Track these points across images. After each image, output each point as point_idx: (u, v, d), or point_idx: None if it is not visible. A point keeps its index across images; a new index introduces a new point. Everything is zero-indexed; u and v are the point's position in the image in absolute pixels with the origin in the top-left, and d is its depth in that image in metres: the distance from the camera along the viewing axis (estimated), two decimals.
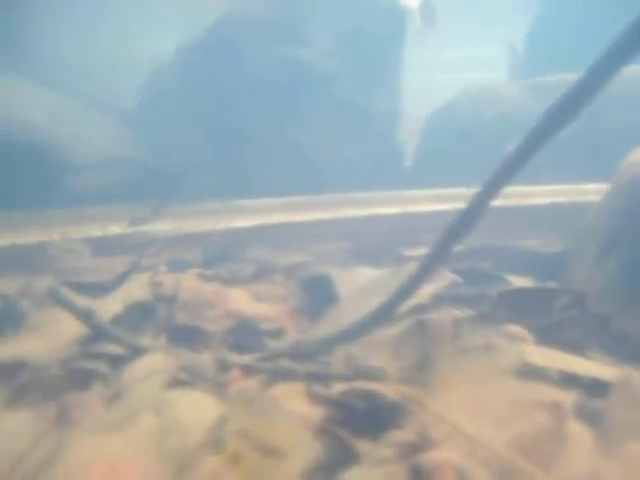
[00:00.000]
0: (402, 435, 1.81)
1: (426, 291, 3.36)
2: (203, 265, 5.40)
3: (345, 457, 1.89)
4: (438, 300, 3.48)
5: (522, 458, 1.73)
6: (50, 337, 3.90)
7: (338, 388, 2.50)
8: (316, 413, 2.35)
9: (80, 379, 3.32)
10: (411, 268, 3.35)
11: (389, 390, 2.16)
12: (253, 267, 5.26)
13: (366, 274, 4.77)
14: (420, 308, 3.30)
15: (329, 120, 8.47)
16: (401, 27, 9.85)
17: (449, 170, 7.61)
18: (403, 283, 3.14)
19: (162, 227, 5.86)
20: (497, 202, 2.99)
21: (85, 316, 3.97)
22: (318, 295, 4.47)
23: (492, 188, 2.73)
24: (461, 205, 3.13)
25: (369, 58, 9.23)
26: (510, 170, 2.59)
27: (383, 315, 3.17)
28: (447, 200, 6.39)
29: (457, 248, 3.11)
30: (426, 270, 3.00)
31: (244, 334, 3.96)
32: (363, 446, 1.91)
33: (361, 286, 4.37)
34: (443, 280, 3.67)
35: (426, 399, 2.07)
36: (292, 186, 6.57)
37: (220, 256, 5.72)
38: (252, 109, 8.18)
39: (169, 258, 5.54)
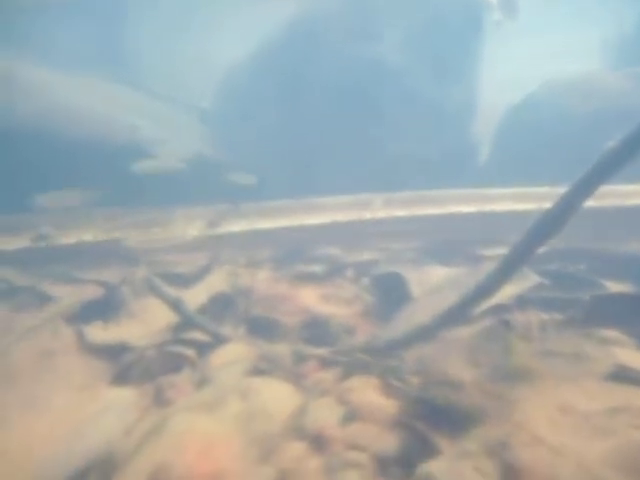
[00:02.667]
0: (487, 432, 1.76)
1: (508, 292, 3.22)
2: (276, 263, 5.61)
3: (424, 450, 1.89)
4: (521, 302, 3.31)
5: (617, 474, 1.61)
6: (146, 323, 4.33)
7: (415, 384, 2.50)
8: (392, 406, 2.38)
9: (172, 362, 3.66)
10: (489, 267, 3.24)
11: (464, 395, 2.11)
12: (323, 267, 5.35)
13: (440, 273, 4.68)
14: (501, 309, 3.18)
15: (402, 116, 8.33)
16: (478, 18, 9.40)
17: (526, 168, 7.16)
18: (482, 282, 3.05)
19: (237, 227, 6.17)
20: (593, 202, 2.80)
21: (175, 305, 4.36)
22: (390, 294, 4.46)
23: (586, 187, 2.56)
24: (543, 204, 2.94)
25: (444, 51, 8.93)
26: (609, 168, 2.41)
27: (458, 315, 3.11)
28: (527, 199, 6.03)
29: (546, 249, 2.94)
30: (507, 270, 2.89)
31: (316, 332, 4.08)
32: (441, 441, 1.90)
33: (435, 285, 4.29)
34: (527, 281, 3.49)
35: (507, 406, 2.00)
36: (366, 184, 6.56)
37: (292, 254, 5.89)
38: (326, 107, 8.28)
39: (244, 255, 5.81)
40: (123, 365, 3.63)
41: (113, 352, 3.80)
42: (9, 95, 6.72)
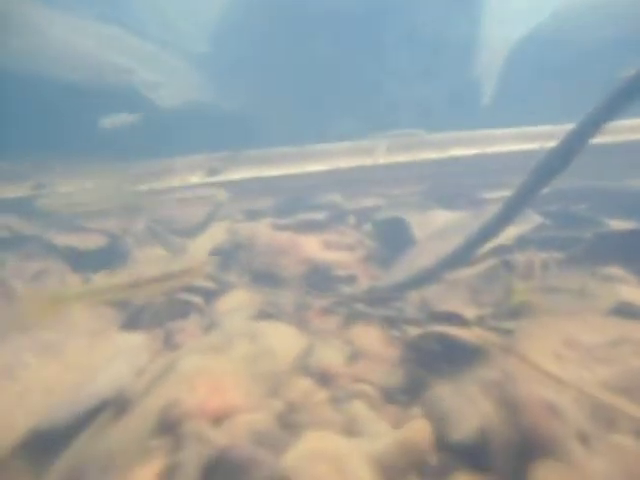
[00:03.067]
0: (486, 373, 1.83)
1: (509, 233, 3.21)
2: (276, 213, 5.59)
3: (425, 388, 1.97)
4: (523, 242, 3.31)
5: (619, 398, 1.66)
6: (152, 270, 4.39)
7: (413, 332, 2.57)
8: (393, 352, 2.46)
9: (180, 308, 3.76)
10: (492, 210, 3.22)
11: (468, 334, 2.18)
12: (324, 214, 5.34)
13: (442, 217, 4.67)
14: (502, 250, 3.19)
15: (403, 53, 7.93)
16: None
17: (531, 106, 6.91)
18: (484, 225, 3.04)
19: (237, 175, 6.08)
20: (596, 139, 2.72)
21: (179, 251, 4.41)
22: (392, 239, 4.47)
23: (594, 122, 2.46)
24: (547, 143, 2.85)
25: None
26: (621, 100, 2.29)
27: (462, 257, 3.13)
28: (531, 139, 5.88)
29: (548, 189, 2.90)
30: (511, 212, 2.86)
31: (318, 279, 4.14)
32: (441, 381, 1.97)
33: (438, 229, 4.29)
34: (529, 222, 3.48)
35: (509, 341, 2.06)
36: (366, 129, 6.38)
37: (292, 203, 5.86)
38: (325, 45, 7.86)
39: (244, 206, 5.78)
40: (132, 311, 3.73)
41: (120, 301, 3.89)
42: (3, 32, 6.33)
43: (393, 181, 5.44)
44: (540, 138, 5.67)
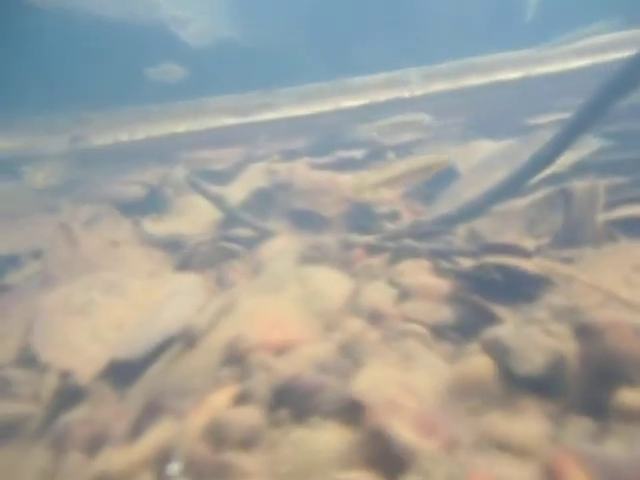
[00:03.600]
0: (553, 301, 1.82)
1: (566, 160, 2.99)
2: (313, 152, 5.48)
3: (483, 321, 1.99)
4: (581, 169, 3.06)
5: None
6: (192, 220, 4.51)
7: (467, 264, 2.55)
8: (445, 285, 2.47)
9: (223, 257, 3.89)
10: (543, 136, 3.01)
11: (529, 264, 2.13)
12: (363, 152, 5.19)
13: (487, 147, 4.44)
14: (557, 178, 2.98)
15: None
16: None
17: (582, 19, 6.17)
18: (538, 152, 2.86)
19: (270, 115, 5.93)
20: None
21: (218, 201, 4.46)
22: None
23: None
24: (603, 57, 2.52)
25: None
26: None
27: (513, 187, 2.99)
28: (587, 54, 5.33)
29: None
30: (570, 136, 2.65)
31: (361, 217, 4.12)
32: (502, 311, 1.98)
33: (483, 160, 4.11)
34: (587, 147, 3.22)
35: (574, 269, 2.01)
36: (403, 57, 5.97)
37: (329, 141, 5.71)
38: None
39: (280, 147, 5.70)
40: (183, 255, 3.90)
41: (169, 243, 4.07)
42: None
43: (433, 112, 5.14)
44: (595, 52, 5.14)
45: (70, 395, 2.28)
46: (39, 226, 4.30)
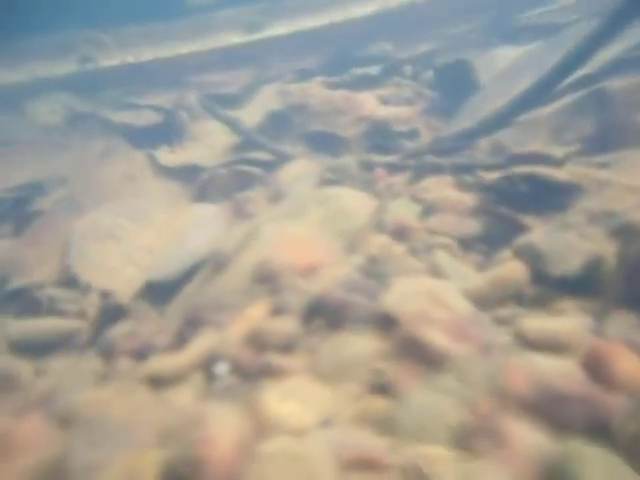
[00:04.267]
0: (587, 206, 1.78)
1: (600, 58, 2.74)
2: (326, 70, 5.21)
3: (512, 231, 2.00)
4: (618, 66, 2.74)
5: None
6: (209, 145, 4.44)
7: (492, 176, 2.49)
8: (470, 198, 2.45)
9: (242, 180, 3.88)
10: (573, 35, 2.77)
11: (559, 172, 2.07)
12: (378, 68, 4.90)
13: (509, 54, 4.14)
14: (590, 79, 2.74)
15: None
16: None
17: None
18: (570, 51, 2.65)
19: (280, 31, 5.55)
20: None
21: (234, 125, 4.36)
22: (455, 86, 4.10)
23: None
24: None
25: None
26: None
27: (539, 94, 2.82)
28: None
29: None
30: (607, 32, 2.43)
31: (379, 137, 4.00)
32: (531, 221, 1.97)
33: (506, 68, 3.85)
34: (625, 41, 2.93)
35: (607, 175, 1.95)
36: None
37: (341, 57, 5.39)
38: None
39: (291, 66, 5.40)
40: (199, 185, 3.91)
41: (185, 174, 4.06)
42: None
43: (449, 18, 4.74)
44: None
45: (113, 312, 2.43)
46: (55, 160, 4.28)
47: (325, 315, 1.85)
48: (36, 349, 2.33)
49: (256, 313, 2.00)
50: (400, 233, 2.44)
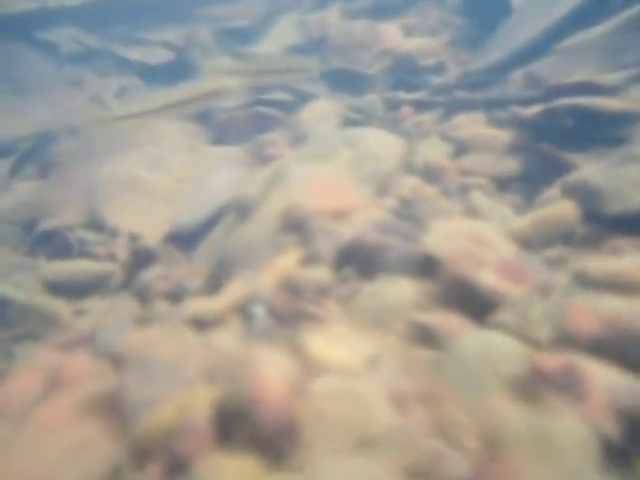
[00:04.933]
0: None
1: None
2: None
3: (553, 169, 1.89)
4: None
5: None
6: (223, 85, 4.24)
7: (528, 111, 2.33)
8: (506, 135, 2.32)
9: (261, 122, 3.73)
10: None
11: (610, 102, 1.90)
12: None
13: None
14: None
15: None
16: None
17: None
18: None
19: None
20: None
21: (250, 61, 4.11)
22: (484, 12, 3.75)
23: None
24: None
25: None
26: None
27: (584, 14, 2.54)
28: None
29: None
30: None
31: (404, 72, 3.76)
32: (577, 159, 1.85)
33: None
34: None
35: None
36: None
37: None
38: None
39: None
40: (215, 127, 3.78)
41: (200, 115, 3.90)
42: None
43: None
44: None
45: (144, 256, 2.44)
46: (69, 99, 4.15)
47: (359, 259, 1.82)
48: (71, 290, 2.39)
49: (287, 262, 1.98)
50: (432, 174, 2.36)
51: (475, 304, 1.29)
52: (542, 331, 1.11)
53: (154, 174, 3.21)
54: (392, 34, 4.10)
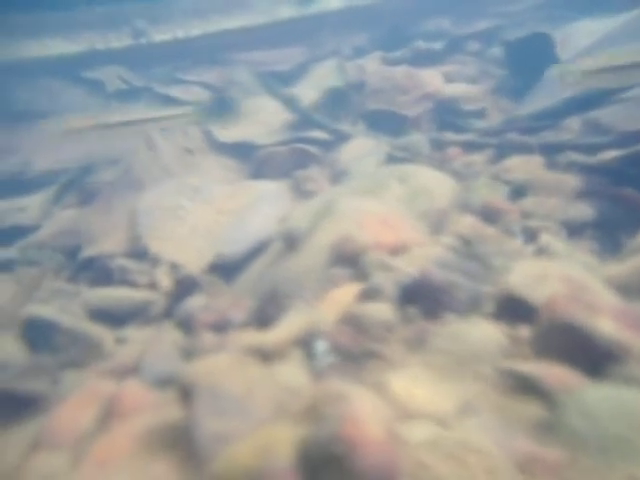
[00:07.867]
0: None
1: None
2: (378, 48, 5.02)
3: (634, 216, 1.81)
4: None
5: None
6: (263, 122, 4.32)
7: (594, 159, 2.29)
8: (570, 179, 2.26)
9: (299, 159, 3.75)
10: None
11: None
12: (441, 43, 4.66)
13: (591, 28, 3.84)
14: None
15: None
16: None
17: None
18: None
19: (332, 5, 5.35)
20: None
21: (291, 103, 4.22)
22: (527, 64, 3.84)
23: None
24: None
25: None
26: None
27: None
28: None
29: None
30: None
31: (449, 115, 3.80)
32: None
33: (598, 40, 3.54)
34: None
35: None
36: None
37: (395, 34, 5.18)
38: None
39: (343, 42, 5.22)
40: (256, 162, 3.81)
41: (240, 151, 3.96)
42: None
43: None
44: None
45: (188, 285, 2.36)
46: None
47: (425, 298, 1.71)
48: (112, 318, 2.29)
49: (344, 296, 1.87)
50: (490, 214, 2.28)
51: (588, 355, 1.15)
52: None
53: (196, 204, 3.20)
54: (433, 79, 4.20)
